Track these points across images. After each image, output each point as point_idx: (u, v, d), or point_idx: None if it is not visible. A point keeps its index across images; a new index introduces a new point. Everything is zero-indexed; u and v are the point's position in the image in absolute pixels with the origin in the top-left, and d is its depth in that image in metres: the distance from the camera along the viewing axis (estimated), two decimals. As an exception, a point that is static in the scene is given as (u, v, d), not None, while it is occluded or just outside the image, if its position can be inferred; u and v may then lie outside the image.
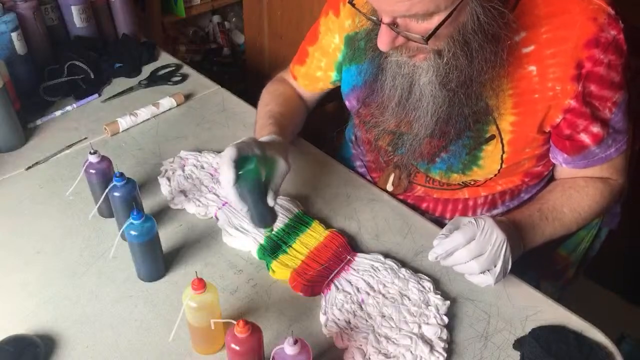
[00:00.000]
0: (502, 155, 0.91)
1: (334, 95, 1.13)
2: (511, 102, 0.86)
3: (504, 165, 0.92)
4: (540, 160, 0.95)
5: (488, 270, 0.79)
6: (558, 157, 0.93)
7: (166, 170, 1.04)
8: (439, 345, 0.75)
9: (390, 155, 0.99)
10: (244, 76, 2.45)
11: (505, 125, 0.88)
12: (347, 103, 1.04)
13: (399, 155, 0.95)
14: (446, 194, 1.02)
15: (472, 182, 0.97)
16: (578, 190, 0.92)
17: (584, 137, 0.88)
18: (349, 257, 0.87)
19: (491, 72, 0.80)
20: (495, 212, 1.03)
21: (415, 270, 0.86)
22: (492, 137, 0.89)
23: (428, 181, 1.00)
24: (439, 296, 0.81)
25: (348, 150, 1.18)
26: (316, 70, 1.08)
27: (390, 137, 0.94)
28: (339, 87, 1.06)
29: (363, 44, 0.89)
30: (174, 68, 1.36)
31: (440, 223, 0.96)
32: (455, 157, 0.92)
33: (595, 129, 0.87)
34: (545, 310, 0.81)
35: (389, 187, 1.04)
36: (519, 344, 0.76)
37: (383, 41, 0.75)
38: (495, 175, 0.94)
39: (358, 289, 0.82)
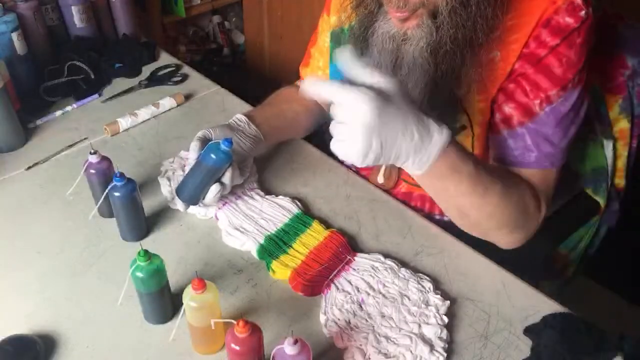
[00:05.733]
0: (473, 145, 0.90)
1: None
2: (477, 89, 0.85)
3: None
4: None
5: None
6: None
7: (166, 170, 1.04)
8: (439, 345, 0.75)
9: None
10: (244, 76, 2.45)
11: (474, 113, 0.87)
12: None
13: None
14: None
15: None
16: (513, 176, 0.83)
17: (497, 115, 0.84)
18: (349, 257, 0.87)
19: (484, 37, 0.78)
20: None
21: (415, 270, 0.86)
22: (464, 127, 0.88)
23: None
24: (438, 296, 0.81)
25: None
26: (317, 70, 1.09)
27: None
28: None
29: (348, 36, 0.88)
30: (174, 68, 1.36)
31: (430, 219, 0.96)
32: None
33: (508, 109, 0.82)
34: (545, 310, 0.81)
35: (380, 179, 1.04)
36: (531, 331, 0.76)
37: None
38: None
39: (358, 289, 0.82)
